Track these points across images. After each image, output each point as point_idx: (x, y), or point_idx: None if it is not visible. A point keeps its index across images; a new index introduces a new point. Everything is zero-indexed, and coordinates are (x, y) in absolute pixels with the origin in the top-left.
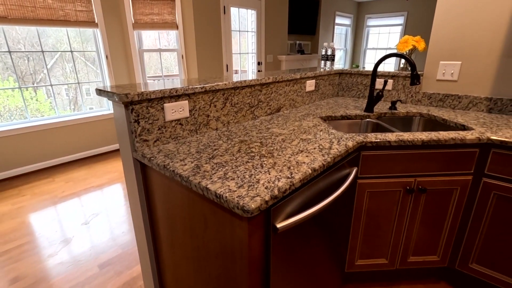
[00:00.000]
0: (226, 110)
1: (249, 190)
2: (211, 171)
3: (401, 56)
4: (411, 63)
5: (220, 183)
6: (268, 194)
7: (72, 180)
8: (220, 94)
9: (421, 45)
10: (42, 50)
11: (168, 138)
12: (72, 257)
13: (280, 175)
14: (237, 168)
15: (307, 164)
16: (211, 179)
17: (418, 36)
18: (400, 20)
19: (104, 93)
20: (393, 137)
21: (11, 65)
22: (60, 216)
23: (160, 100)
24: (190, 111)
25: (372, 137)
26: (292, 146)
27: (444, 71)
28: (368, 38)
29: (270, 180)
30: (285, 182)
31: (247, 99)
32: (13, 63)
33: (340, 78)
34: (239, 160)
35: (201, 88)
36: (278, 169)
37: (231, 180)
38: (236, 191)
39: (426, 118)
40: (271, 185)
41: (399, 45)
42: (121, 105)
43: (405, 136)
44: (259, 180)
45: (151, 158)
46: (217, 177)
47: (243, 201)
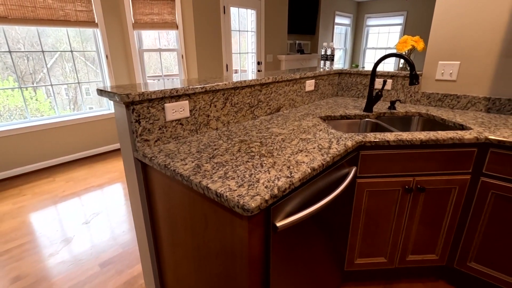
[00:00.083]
0: (226, 110)
1: (249, 189)
2: (212, 171)
3: (400, 56)
4: (410, 63)
5: (221, 183)
6: (268, 193)
7: (73, 180)
8: (220, 94)
9: (420, 45)
10: (43, 50)
11: (169, 138)
12: (73, 256)
13: (280, 175)
14: (237, 168)
15: (307, 164)
16: (212, 179)
17: (417, 36)
18: (400, 20)
19: (106, 93)
20: (392, 137)
21: (11, 65)
22: (61, 216)
23: (161, 100)
24: (191, 111)
25: (371, 137)
26: (292, 146)
27: (443, 71)
28: (368, 38)
29: (270, 180)
30: (285, 182)
31: (247, 99)
32: (13, 63)
33: (340, 78)
34: (239, 160)
35: (201, 88)
36: (278, 169)
37: (232, 180)
38: (236, 190)
39: (425, 118)
40: (271, 185)
41: (398, 45)
42: (122, 105)
43: (404, 136)
44: (259, 180)
45: (152, 158)
46: (218, 177)
47: (243, 200)
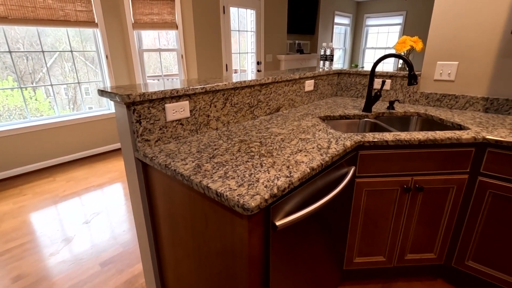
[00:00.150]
0: (226, 110)
1: (249, 189)
2: (212, 170)
3: (399, 57)
4: (409, 64)
5: (221, 182)
6: (268, 193)
7: (73, 180)
8: (220, 95)
9: (419, 46)
10: (43, 50)
11: (169, 138)
12: (74, 256)
13: (279, 174)
14: (237, 167)
15: (306, 164)
16: (212, 178)
17: (416, 37)
18: (399, 20)
19: (107, 94)
20: (391, 137)
21: (10, 65)
22: (61, 215)
23: (161, 101)
24: (191, 111)
25: (370, 137)
26: (291, 146)
27: (442, 71)
28: (367, 38)
29: (270, 179)
30: (284, 181)
31: (247, 99)
32: (14, 63)
33: (339, 78)
34: (239, 160)
35: (202, 89)
36: (278, 168)
37: (232, 179)
38: (237, 190)
39: (424, 118)
40: (271, 184)
41: (397, 46)
42: (123, 106)
43: (402, 136)
44: (259, 179)
45: (153, 158)
46: (218, 176)
47: (243, 200)
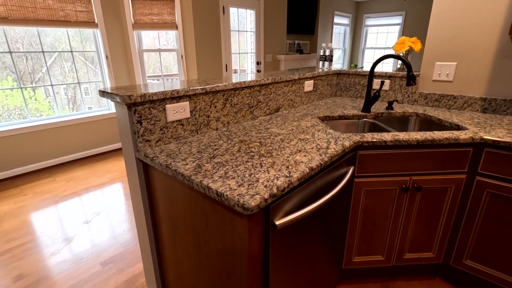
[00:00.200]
0: (226, 111)
1: (249, 189)
2: (212, 170)
3: (397, 57)
4: (407, 64)
5: (221, 182)
6: (267, 193)
7: (73, 180)
8: (220, 95)
9: (418, 46)
10: (43, 51)
11: (170, 138)
12: (74, 255)
13: (279, 174)
14: (237, 168)
15: (305, 164)
16: (212, 178)
17: (415, 37)
18: (399, 20)
19: (108, 95)
20: (389, 137)
21: (9, 65)
22: (62, 215)
23: (162, 101)
24: (191, 112)
25: (369, 137)
26: (291, 146)
27: (440, 72)
28: (367, 38)
29: (269, 179)
30: (284, 181)
31: (247, 100)
32: (14, 63)
33: (338, 78)
34: (239, 160)
35: (202, 89)
36: (277, 168)
37: (232, 179)
38: (237, 190)
39: (422, 118)
40: (270, 184)
41: (396, 46)
42: (124, 107)
43: (401, 136)
44: (259, 179)
45: (154, 158)
46: (218, 176)
47: (243, 199)
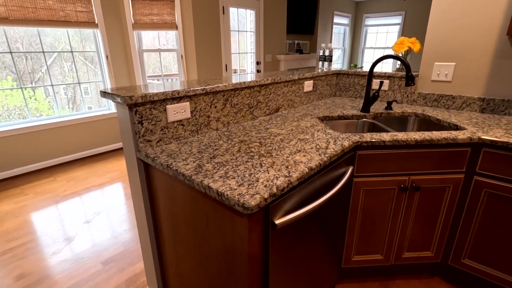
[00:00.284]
0: (226, 111)
1: (249, 188)
2: (213, 170)
3: (396, 58)
4: (406, 65)
5: (221, 182)
6: (267, 192)
7: (74, 179)
8: (220, 96)
9: (417, 47)
10: (43, 51)
11: (171, 139)
12: (75, 255)
13: (279, 174)
14: (237, 167)
15: (304, 164)
16: (213, 178)
17: (414, 38)
18: (398, 20)
19: (109, 95)
20: (388, 137)
21: (9, 65)
22: (62, 215)
23: (163, 102)
24: (191, 112)
25: (368, 137)
26: (290, 146)
27: (439, 72)
28: (366, 38)
29: (269, 179)
30: (283, 181)
31: (247, 100)
32: (14, 63)
33: (338, 79)
34: (239, 160)
35: (202, 90)
36: (277, 168)
37: (232, 179)
38: (237, 189)
39: (421, 118)
40: (270, 184)
41: (395, 47)
42: (125, 107)
43: (399, 136)
44: (259, 179)
45: (155, 158)
46: (218, 176)
47: (244, 199)
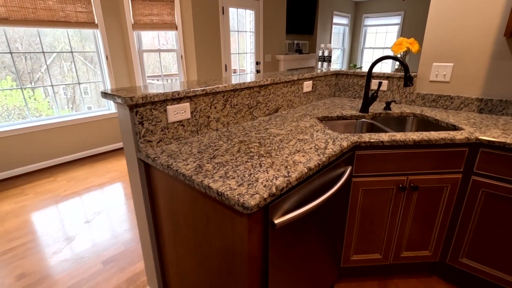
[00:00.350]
0: (226, 111)
1: (249, 188)
2: (213, 171)
3: (395, 59)
4: (404, 66)
5: (221, 182)
6: (267, 192)
7: (74, 179)
8: (220, 96)
9: (415, 47)
10: (43, 51)
11: (171, 139)
12: (76, 254)
13: (278, 174)
14: (237, 168)
15: (303, 164)
16: (213, 178)
17: (412, 39)
18: (397, 20)
19: (110, 96)
20: (386, 137)
21: (8, 65)
22: (63, 215)
23: (163, 103)
24: (192, 113)
25: (366, 137)
26: (289, 146)
27: (437, 73)
28: (366, 38)
29: (268, 179)
30: (282, 181)
31: (246, 101)
32: (14, 63)
33: (337, 79)
34: (239, 160)
35: (202, 91)
36: (276, 168)
37: (232, 179)
38: (237, 189)
39: (419, 118)
40: (269, 184)
41: (394, 47)
42: (126, 108)
43: (398, 136)
44: (258, 179)
45: (155, 158)
46: (218, 176)
47: (243, 199)
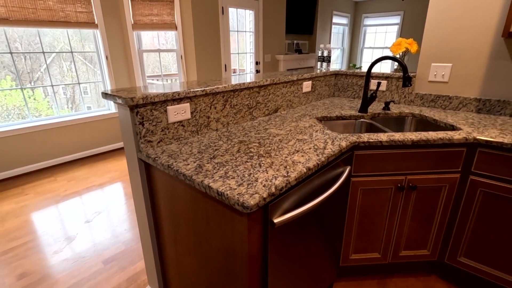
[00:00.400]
0: (226, 112)
1: (248, 188)
2: (213, 170)
3: (393, 59)
4: (403, 66)
5: (221, 182)
6: (266, 192)
7: (74, 179)
8: (220, 96)
9: (414, 48)
10: (43, 51)
11: (171, 139)
12: (76, 254)
13: (277, 174)
14: (237, 168)
15: (303, 164)
16: (213, 178)
17: (411, 39)
18: (397, 20)
19: (110, 97)
20: (385, 137)
21: (8, 64)
22: (63, 214)
23: (163, 103)
24: (192, 113)
25: (365, 137)
26: (289, 146)
27: (436, 73)
28: (365, 37)
29: (268, 179)
30: (282, 181)
31: (246, 101)
32: (14, 63)
33: (336, 79)
34: (239, 160)
35: (202, 91)
36: (275, 168)
37: (232, 179)
38: (236, 189)
39: (418, 118)
40: (269, 183)
41: (393, 48)
42: (127, 108)
43: (396, 136)
44: (258, 179)
45: (156, 158)
46: (218, 176)
47: (243, 198)
